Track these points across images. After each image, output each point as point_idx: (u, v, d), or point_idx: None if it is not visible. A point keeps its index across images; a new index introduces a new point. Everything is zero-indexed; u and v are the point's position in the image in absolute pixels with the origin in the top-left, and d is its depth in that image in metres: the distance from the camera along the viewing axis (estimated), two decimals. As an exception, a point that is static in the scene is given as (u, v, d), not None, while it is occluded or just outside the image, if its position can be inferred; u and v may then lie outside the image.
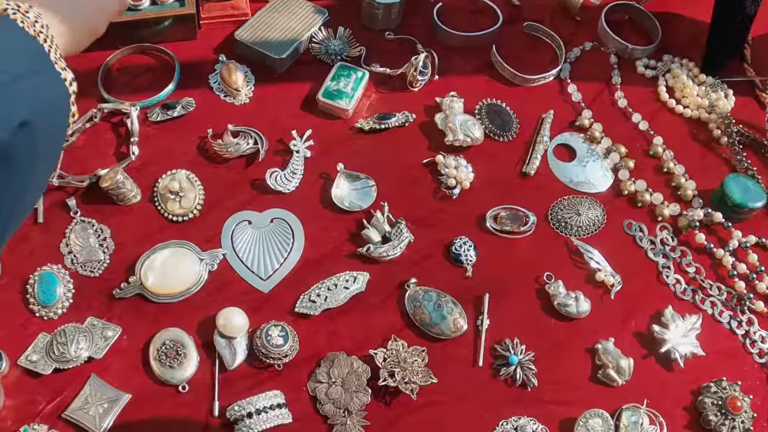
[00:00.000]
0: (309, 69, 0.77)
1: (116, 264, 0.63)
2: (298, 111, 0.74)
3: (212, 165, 0.69)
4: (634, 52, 0.84)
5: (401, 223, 0.66)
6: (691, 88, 0.84)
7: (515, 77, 0.79)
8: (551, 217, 0.71)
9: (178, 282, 0.62)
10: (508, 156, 0.74)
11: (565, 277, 0.67)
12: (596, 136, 0.77)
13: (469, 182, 0.70)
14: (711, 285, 0.71)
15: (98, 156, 0.69)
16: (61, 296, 0.61)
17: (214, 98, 0.74)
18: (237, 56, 0.76)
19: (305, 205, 0.68)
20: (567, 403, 0.62)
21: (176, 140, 0.70)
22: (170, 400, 0.58)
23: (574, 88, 0.80)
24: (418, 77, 0.75)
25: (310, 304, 0.62)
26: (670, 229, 0.73)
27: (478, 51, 0.81)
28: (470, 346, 0.63)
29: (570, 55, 0.83)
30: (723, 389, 0.64)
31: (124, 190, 0.65)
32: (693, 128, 0.81)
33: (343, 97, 0.72)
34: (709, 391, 0.64)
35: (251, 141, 0.69)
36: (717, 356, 0.66)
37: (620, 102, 0.81)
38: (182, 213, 0.65)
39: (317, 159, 0.71)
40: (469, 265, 0.66)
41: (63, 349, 0.58)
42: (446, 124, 0.72)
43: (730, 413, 0.63)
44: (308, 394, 0.59)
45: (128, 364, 0.59)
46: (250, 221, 0.66)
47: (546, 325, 0.65)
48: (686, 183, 0.76)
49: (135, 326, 0.61)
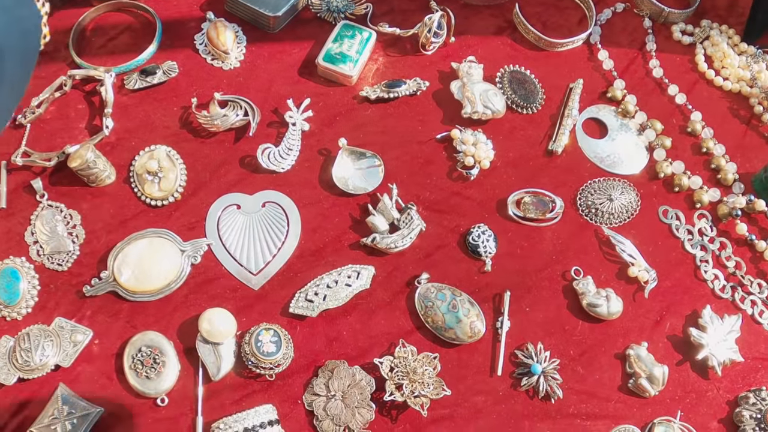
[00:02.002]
0: (308, 28, 0.67)
1: (87, 255, 0.55)
2: (294, 76, 0.65)
3: (197, 140, 0.60)
4: (670, 15, 0.72)
5: (411, 209, 0.57)
6: (732, 57, 0.72)
7: (540, 41, 0.67)
8: (580, 202, 0.60)
9: (157, 277, 0.52)
10: (532, 131, 0.64)
11: (595, 272, 0.58)
12: (630, 110, 0.65)
13: (489, 161, 0.60)
14: (752, 281, 0.62)
15: (68, 130, 0.60)
16: (25, 294, 0.53)
17: (200, 62, 0.64)
18: (226, 14, 0.67)
19: (302, 186, 0.59)
20: (594, 416, 0.54)
21: (156, 111, 0.61)
22: (147, 415, 0.50)
23: (605, 54, 0.68)
24: (431, 39, 0.64)
25: (307, 304, 0.53)
26: (709, 218, 0.63)
27: (499, 9, 0.70)
28: (488, 352, 0.54)
29: (600, 17, 0.71)
30: (762, 400, 0.56)
31: (96, 170, 0.55)
32: (733, 103, 0.71)
33: (346, 60, 0.61)
34: (748, 402, 0.56)
35: (241, 112, 0.59)
36: (757, 362, 0.58)
37: (655, 72, 0.69)
38: (161, 196, 0.56)
39: (316, 133, 0.62)
40: (488, 257, 0.56)
41: (27, 356, 0.49)
42: (463, 93, 0.61)
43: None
44: (304, 408, 0.51)
45: (100, 372, 0.51)
46: (239, 205, 0.58)
47: (573, 327, 0.56)
48: (726, 165, 0.65)
49: (108, 328, 0.52)
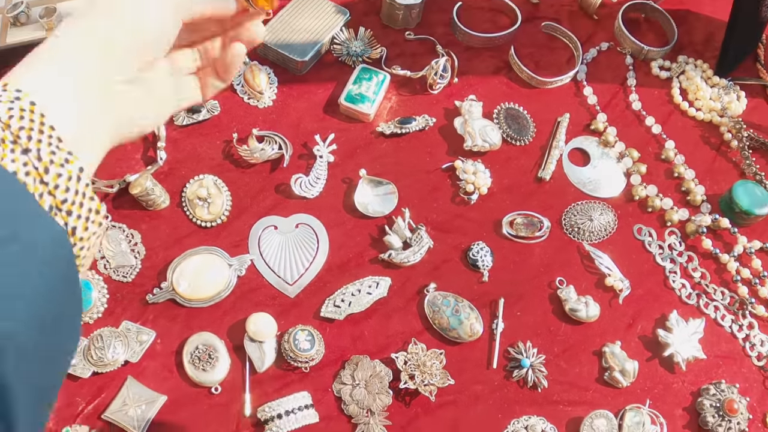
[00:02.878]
0: (331, 70, 0.75)
1: (148, 269, 0.64)
2: (320, 114, 0.73)
3: (238, 169, 0.69)
4: (649, 53, 0.83)
5: (421, 229, 0.67)
6: (705, 90, 0.83)
7: (532, 79, 0.77)
8: (565, 222, 0.71)
9: (209, 287, 0.62)
10: (524, 160, 0.73)
11: (577, 281, 0.68)
12: (610, 141, 0.77)
13: (487, 188, 0.70)
14: (715, 290, 0.71)
15: (126, 160, 0.68)
16: (96, 301, 0.61)
17: (238, 101, 0.72)
18: (260, 58, 0.75)
19: (329, 210, 0.68)
20: (575, 403, 0.63)
21: (202, 144, 0.70)
22: (204, 401, 0.59)
23: (590, 90, 0.79)
24: (437, 80, 0.74)
25: (335, 309, 0.63)
26: (678, 234, 0.74)
27: (497, 51, 0.79)
28: (485, 349, 0.64)
29: (587, 56, 0.81)
30: (721, 391, 0.66)
31: (153, 197, 0.65)
32: (705, 131, 0.80)
33: (365, 101, 0.71)
34: (708, 393, 0.66)
35: (276, 146, 0.68)
36: (717, 359, 0.67)
37: (634, 105, 0.80)
38: (210, 219, 0.65)
39: (340, 164, 0.70)
40: (486, 270, 0.67)
41: (101, 353, 0.59)
42: (465, 129, 0.71)
43: (727, 415, 0.64)
44: (333, 395, 0.61)
45: (163, 366, 0.60)
46: (276, 226, 0.67)
47: (557, 328, 0.66)
48: (695, 188, 0.76)
49: (168, 330, 0.61)
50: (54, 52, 0.35)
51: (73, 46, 0.36)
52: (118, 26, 0.37)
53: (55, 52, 0.35)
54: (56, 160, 0.32)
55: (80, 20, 0.37)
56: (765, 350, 0.70)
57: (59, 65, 0.35)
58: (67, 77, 0.35)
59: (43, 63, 0.35)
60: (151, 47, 0.39)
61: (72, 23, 0.37)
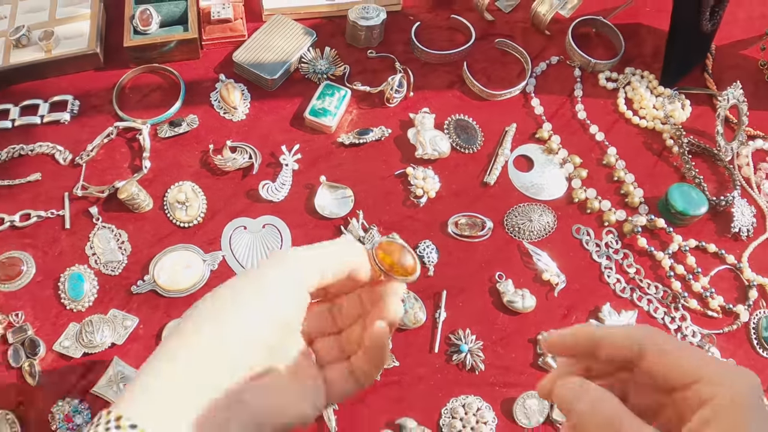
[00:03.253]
0: (298, 87, 0.84)
1: (133, 264, 0.73)
2: (287, 126, 0.81)
3: (213, 176, 0.78)
4: (596, 65, 0.91)
5: (373, 229, 0.76)
6: (648, 99, 0.91)
7: (483, 92, 0.86)
8: (506, 223, 0.79)
9: (185, 280, 0.72)
10: (472, 167, 0.81)
11: (515, 276, 0.76)
12: (554, 148, 0.85)
13: (435, 192, 0.78)
14: (649, 284, 0.78)
15: (115, 168, 0.78)
16: (88, 292, 0.71)
17: (215, 115, 0.82)
18: (235, 75, 0.84)
19: (292, 212, 0.76)
20: (509, 385, 0.70)
21: (182, 154, 0.79)
22: None
23: (537, 101, 0.87)
24: (394, 95, 0.83)
25: None
26: (615, 234, 0.81)
27: (452, 66, 0.88)
28: (428, 335, 0.72)
29: (536, 70, 0.90)
30: None
31: (138, 201, 0.74)
32: (648, 138, 0.88)
33: (327, 114, 0.81)
34: None
35: (246, 156, 0.78)
36: None
37: (580, 114, 0.88)
38: (188, 220, 0.75)
39: (304, 171, 0.79)
40: (431, 265, 0.75)
41: (91, 337, 0.69)
42: (417, 138, 0.80)
43: None
44: None
45: (144, 348, 0.69)
46: (246, 227, 0.76)
47: (495, 318, 0.73)
48: (634, 191, 0.84)
49: (149, 317, 0.70)
50: (169, 377, 0.37)
51: (185, 370, 0.38)
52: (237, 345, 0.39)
53: (170, 377, 0.37)
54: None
55: (191, 337, 0.38)
56: (696, 341, 0.78)
57: (173, 394, 0.37)
58: (183, 406, 0.37)
59: (158, 392, 0.37)
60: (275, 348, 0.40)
61: (182, 340, 0.39)
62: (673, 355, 0.41)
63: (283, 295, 0.41)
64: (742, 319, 0.78)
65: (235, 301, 0.40)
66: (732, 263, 0.81)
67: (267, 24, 0.86)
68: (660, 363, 0.42)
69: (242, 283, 0.41)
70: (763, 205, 0.87)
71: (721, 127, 0.86)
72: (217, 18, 0.84)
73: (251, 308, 0.40)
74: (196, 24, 0.84)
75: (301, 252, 0.43)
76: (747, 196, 0.86)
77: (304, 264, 0.42)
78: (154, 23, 0.82)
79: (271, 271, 0.41)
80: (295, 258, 0.42)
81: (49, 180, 0.77)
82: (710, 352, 0.76)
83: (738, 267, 0.81)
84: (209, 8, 0.85)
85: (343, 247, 0.44)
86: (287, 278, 0.41)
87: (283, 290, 0.41)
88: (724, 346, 0.76)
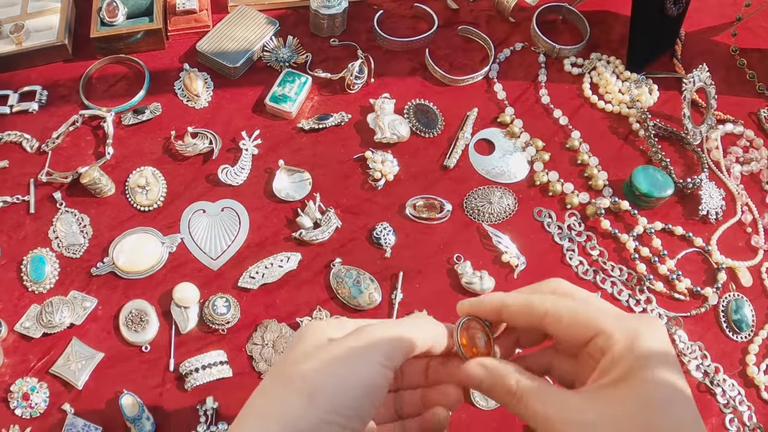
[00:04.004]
0: (260, 75, 0.88)
1: (94, 247, 0.76)
2: (249, 113, 0.85)
3: (175, 162, 0.81)
4: (561, 51, 0.93)
5: (330, 211, 0.78)
6: (614, 84, 0.93)
7: (445, 78, 0.89)
8: (466, 205, 0.82)
9: (144, 262, 0.75)
10: (432, 151, 0.84)
11: (475, 258, 0.78)
12: (516, 132, 0.87)
13: (393, 175, 0.81)
14: (613, 266, 0.80)
15: (79, 155, 0.81)
16: (49, 274, 0.74)
17: (178, 103, 0.85)
18: (199, 64, 0.88)
19: (251, 196, 0.79)
20: None
21: (145, 141, 0.83)
22: (136, 358, 0.71)
23: (500, 87, 0.90)
24: (354, 81, 0.86)
25: (251, 280, 0.75)
26: (578, 216, 0.83)
27: (415, 54, 0.91)
28: (384, 315, 0.74)
29: (500, 56, 0.92)
30: None
31: (100, 186, 0.78)
32: (613, 122, 0.90)
33: (287, 100, 0.84)
34: None
35: (207, 141, 0.82)
36: None
37: (543, 99, 0.90)
38: (148, 204, 0.78)
39: (263, 156, 0.82)
40: (388, 247, 0.77)
41: (50, 317, 0.72)
42: (376, 122, 0.83)
43: None
44: (246, 354, 0.71)
45: (102, 329, 0.72)
46: (204, 210, 0.79)
47: (452, 299, 0.75)
48: (598, 174, 0.85)
49: (108, 298, 0.74)
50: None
51: None
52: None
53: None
54: None
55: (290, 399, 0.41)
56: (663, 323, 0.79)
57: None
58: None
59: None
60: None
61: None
62: (569, 314, 0.44)
63: (372, 368, 0.43)
64: (710, 302, 0.79)
65: (329, 365, 0.42)
66: (700, 246, 0.83)
67: (231, 14, 0.90)
68: (559, 325, 0.44)
69: (333, 353, 0.43)
70: (732, 188, 0.88)
71: (688, 109, 0.88)
72: (182, 9, 0.88)
73: (342, 374, 0.42)
74: (161, 15, 0.88)
75: (388, 331, 0.45)
76: (716, 179, 0.88)
77: (392, 345, 0.44)
78: (121, 15, 0.86)
79: (359, 348, 0.43)
80: (381, 337, 0.44)
81: (16, 167, 0.81)
82: (677, 334, 0.77)
83: (706, 250, 0.83)
84: (174, 0, 0.89)
85: (427, 327, 0.47)
86: (376, 356, 0.43)
87: (372, 365, 0.43)
88: (692, 329, 0.78)
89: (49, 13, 0.89)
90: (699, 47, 0.99)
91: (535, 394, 0.42)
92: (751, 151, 0.92)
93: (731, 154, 0.91)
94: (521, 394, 0.43)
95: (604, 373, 0.41)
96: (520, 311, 0.46)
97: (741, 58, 0.99)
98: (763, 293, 0.81)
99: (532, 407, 0.42)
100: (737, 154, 0.91)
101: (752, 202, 0.87)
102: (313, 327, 0.46)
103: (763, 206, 0.87)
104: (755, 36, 1.01)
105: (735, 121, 0.93)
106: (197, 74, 0.86)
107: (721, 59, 0.99)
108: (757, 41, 1.01)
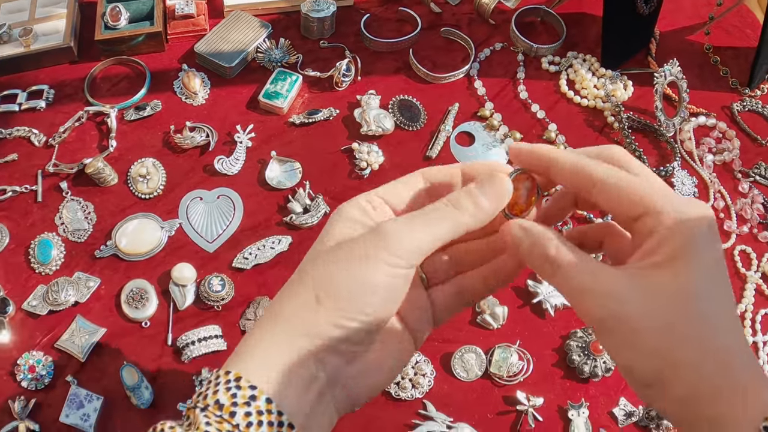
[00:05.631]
0: (254, 74, 0.98)
1: (98, 232, 0.85)
2: (244, 109, 0.95)
3: (174, 154, 0.91)
4: (539, 50, 1.03)
5: (319, 198, 0.87)
6: (589, 80, 1.02)
7: (428, 76, 0.99)
8: (447, 192, 0.91)
9: (144, 244, 0.84)
10: (415, 143, 0.93)
11: None
12: (495, 125, 0.96)
13: (378, 164, 0.90)
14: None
15: (84, 148, 0.91)
16: (55, 257, 0.83)
17: (177, 100, 0.95)
18: (196, 65, 0.98)
19: (245, 184, 0.88)
20: (448, 341, 0.79)
21: (146, 135, 0.92)
22: (136, 333, 0.78)
23: (480, 83, 1.00)
24: (342, 79, 0.96)
25: (244, 261, 0.83)
26: (554, 202, 0.93)
27: (399, 54, 1.01)
28: None
29: (480, 55, 1.02)
30: (588, 335, 0.79)
31: (104, 175, 0.87)
32: (589, 116, 0.99)
33: (279, 97, 0.94)
34: (575, 336, 0.80)
35: (204, 135, 0.91)
36: None
37: (522, 95, 1.00)
38: (149, 192, 0.88)
39: (257, 148, 0.91)
40: None
41: (56, 296, 0.80)
42: (362, 116, 0.93)
43: (592, 354, 0.79)
44: (239, 329, 0.79)
45: (105, 307, 0.80)
46: (202, 198, 0.87)
47: None
48: (573, 163, 0.95)
49: (111, 278, 0.82)
50: (282, 346, 0.43)
51: (301, 333, 0.43)
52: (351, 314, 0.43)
53: (283, 346, 0.43)
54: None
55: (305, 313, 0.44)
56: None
57: (289, 358, 0.42)
58: (297, 369, 0.42)
59: (273, 357, 0.42)
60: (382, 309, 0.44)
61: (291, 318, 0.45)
62: (619, 187, 0.42)
63: (383, 271, 0.44)
64: (683, 285, 0.87)
65: (346, 260, 0.45)
66: (673, 232, 0.91)
67: (227, 19, 1.00)
68: (608, 195, 0.42)
69: (348, 252, 0.45)
70: (705, 175, 0.97)
71: (660, 102, 0.97)
72: (181, 14, 0.99)
73: (358, 270, 0.44)
74: (161, 19, 0.98)
75: (405, 233, 0.44)
76: (689, 168, 0.97)
77: (407, 248, 0.44)
78: (123, 19, 0.96)
79: (369, 256, 0.44)
80: (394, 240, 0.44)
81: (25, 160, 0.90)
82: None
83: (679, 235, 0.91)
84: (174, 5, 1.00)
85: (451, 216, 0.45)
86: (388, 259, 0.43)
87: (383, 267, 0.44)
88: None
89: (56, 18, 0.99)
90: (673, 46, 1.09)
91: (572, 263, 0.41)
92: (724, 142, 1.01)
93: (704, 144, 1.00)
94: (559, 262, 0.42)
95: (648, 254, 0.41)
96: (570, 171, 0.44)
97: (715, 56, 1.09)
98: (736, 275, 0.89)
99: (568, 275, 0.41)
100: (710, 144, 1.00)
101: (725, 189, 0.96)
102: (344, 213, 0.48)
103: (735, 193, 0.96)
104: (728, 34, 1.11)
105: (708, 114, 1.02)
106: (195, 74, 0.96)
107: (696, 57, 1.08)
108: (730, 39, 1.11)
